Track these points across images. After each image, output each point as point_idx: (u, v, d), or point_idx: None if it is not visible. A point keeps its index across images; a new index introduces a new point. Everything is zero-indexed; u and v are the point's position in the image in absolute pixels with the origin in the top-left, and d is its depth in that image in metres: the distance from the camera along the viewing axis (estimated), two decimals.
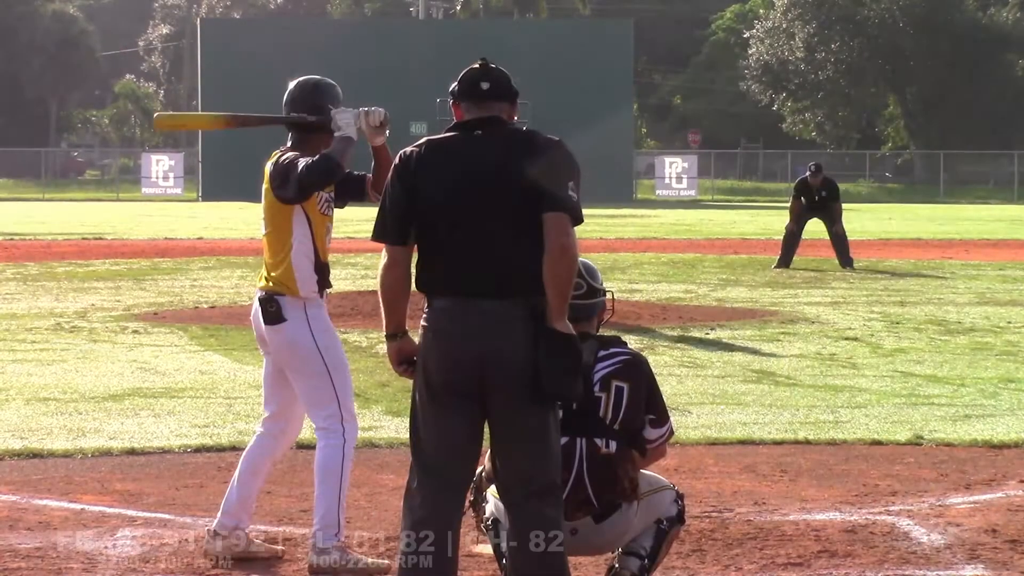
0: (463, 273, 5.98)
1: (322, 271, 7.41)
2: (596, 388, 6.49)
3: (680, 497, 6.76)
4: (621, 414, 6.49)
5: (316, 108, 7.45)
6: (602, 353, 6.57)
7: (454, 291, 5.98)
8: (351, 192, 7.55)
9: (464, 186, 5.98)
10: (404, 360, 6.14)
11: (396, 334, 6.12)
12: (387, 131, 7.39)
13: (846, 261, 27.22)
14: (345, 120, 7.31)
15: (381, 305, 6.13)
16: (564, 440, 6.25)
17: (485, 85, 6.08)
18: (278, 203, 7.35)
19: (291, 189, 7.26)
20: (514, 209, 5.95)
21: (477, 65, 6.15)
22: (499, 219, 5.96)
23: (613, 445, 6.46)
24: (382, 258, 6.11)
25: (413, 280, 6.10)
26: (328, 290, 7.49)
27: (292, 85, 7.56)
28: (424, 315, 6.06)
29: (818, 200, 27.44)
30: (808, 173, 27.71)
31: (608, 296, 6.78)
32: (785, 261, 27.27)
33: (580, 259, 6.31)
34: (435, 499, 6.06)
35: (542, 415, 6.00)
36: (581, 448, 6.44)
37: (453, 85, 6.16)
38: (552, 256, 5.90)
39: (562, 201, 5.92)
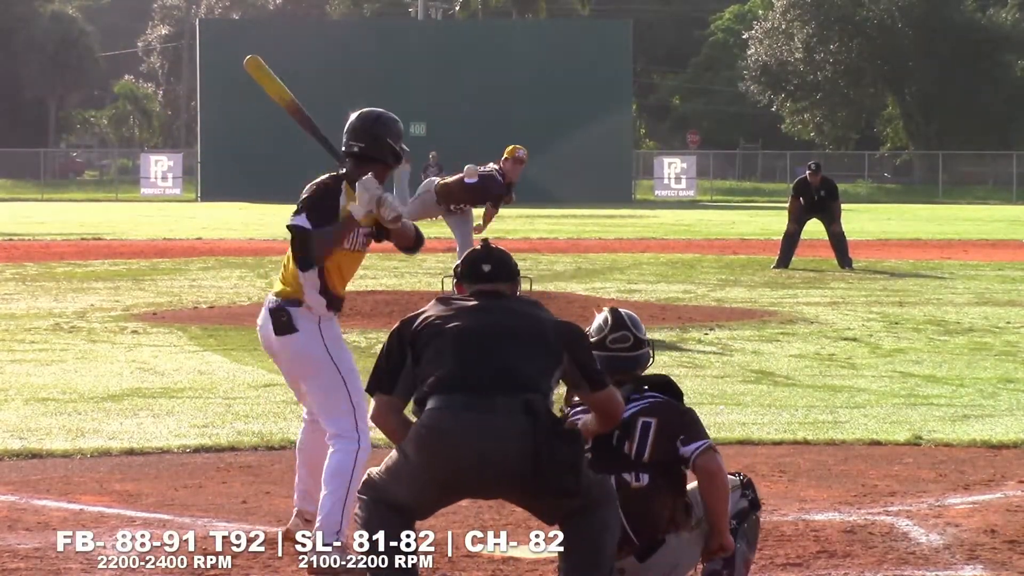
0: (459, 374, 6.05)
1: (329, 297, 7.39)
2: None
3: (746, 486, 6.64)
4: (648, 448, 6.38)
5: (374, 140, 7.40)
6: (634, 396, 6.50)
7: (448, 389, 6.04)
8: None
9: (470, 333, 6.11)
10: None
11: None
12: (399, 223, 7.34)
13: (845, 261, 27.22)
14: (363, 198, 7.24)
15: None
16: None
17: (487, 267, 6.33)
18: None
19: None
20: (519, 334, 6.10)
21: (479, 246, 6.39)
22: (502, 339, 6.10)
23: (645, 478, 6.37)
24: (372, 411, 6.30)
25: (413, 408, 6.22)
26: (337, 312, 7.47)
27: (353, 116, 7.51)
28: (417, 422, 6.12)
29: (817, 200, 27.44)
30: (807, 172, 27.73)
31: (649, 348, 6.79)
32: (784, 261, 27.27)
33: (625, 311, 6.59)
34: (383, 518, 6.10)
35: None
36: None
37: (456, 264, 6.41)
38: (608, 420, 6.27)
39: (603, 378, 6.22)
